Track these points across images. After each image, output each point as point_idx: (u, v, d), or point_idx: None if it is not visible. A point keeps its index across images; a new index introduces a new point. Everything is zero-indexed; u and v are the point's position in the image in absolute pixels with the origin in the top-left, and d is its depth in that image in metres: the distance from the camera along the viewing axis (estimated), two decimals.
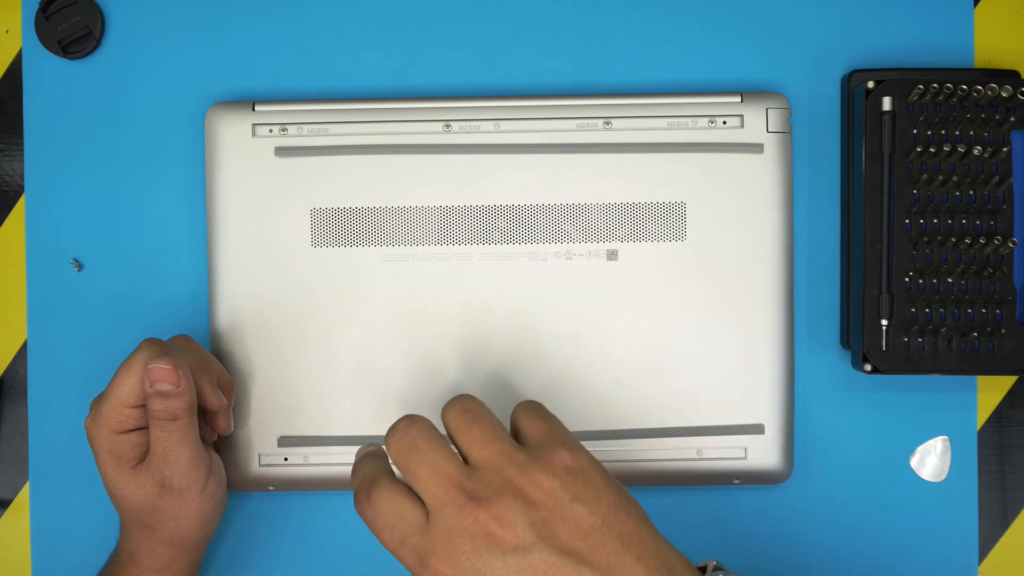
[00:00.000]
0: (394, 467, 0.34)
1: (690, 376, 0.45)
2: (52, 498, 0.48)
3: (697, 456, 0.46)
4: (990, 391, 0.48)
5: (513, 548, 0.31)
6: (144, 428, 0.41)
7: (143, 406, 0.40)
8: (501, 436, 0.33)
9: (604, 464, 0.45)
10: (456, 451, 0.34)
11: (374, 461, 0.35)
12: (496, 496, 0.31)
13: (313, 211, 0.46)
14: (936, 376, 0.46)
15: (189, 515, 0.41)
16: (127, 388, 0.40)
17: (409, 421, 0.34)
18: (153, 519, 0.41)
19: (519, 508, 0.31)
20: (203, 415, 0.43)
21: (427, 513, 0.32)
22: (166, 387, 0.39)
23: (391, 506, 0.33)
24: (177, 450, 0.40)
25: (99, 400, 0.41)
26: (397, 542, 0.32)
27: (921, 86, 0.44)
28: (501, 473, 0.32)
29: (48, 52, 0.48)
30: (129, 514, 0.42)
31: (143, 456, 0.41)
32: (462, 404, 0.34)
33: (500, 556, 0.31)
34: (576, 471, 0.33)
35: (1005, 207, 0.44)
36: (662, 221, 0.46)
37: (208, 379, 0.42)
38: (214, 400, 0.42)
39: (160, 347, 0.41)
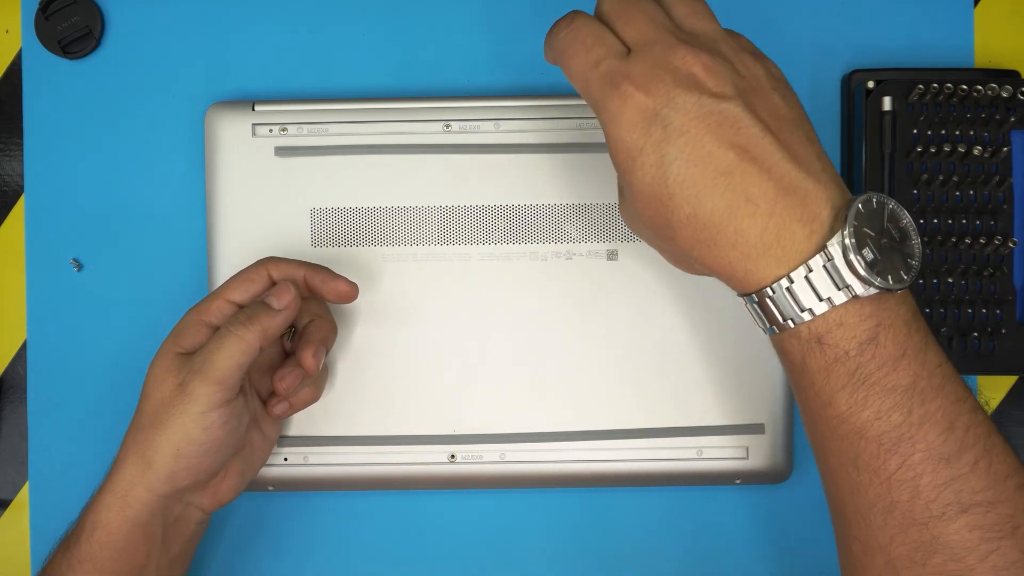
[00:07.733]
0: (604, 17, 0.34)
1: (690, 376, 0.45)
2: (52, 498, 0.48)
3: (697, 456, 0.46)
4: (990, 391, 0.48)
5: (711, 93, 0.31)
6: None
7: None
8: (712, 18, 0.34)
9: (603, 464, 0.46)
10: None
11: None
12: (707, 50, 0.32)
13: (313, 211, 0.46)
14: None
15: (180, 432, 0.37)
16: (238, 285, 0.40)
17: None
18: (153, 421, 0.37)
19: (726, 68, 0.32)
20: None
21: (628, 50, 0.33)
22: (275, 304, 0.39)
23: (593, 30, 0.33)
24: (223, 355, 0.37)
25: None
26: (591, 63, 0.33)
27: (921, 86, 0.44)
28: (714, 41, 0.33)
29: (48, 52, 0.48)
30: (141, 411, 0.38)
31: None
32: None
33: (696, 95, 0.31)
34: (778, 78, 0.34)
35: (1005, 207, 0.44)
36: None
37: (323, 341, 0.41)
38: (312, 363, 0.40)
39: (291, 266, 0.41)
